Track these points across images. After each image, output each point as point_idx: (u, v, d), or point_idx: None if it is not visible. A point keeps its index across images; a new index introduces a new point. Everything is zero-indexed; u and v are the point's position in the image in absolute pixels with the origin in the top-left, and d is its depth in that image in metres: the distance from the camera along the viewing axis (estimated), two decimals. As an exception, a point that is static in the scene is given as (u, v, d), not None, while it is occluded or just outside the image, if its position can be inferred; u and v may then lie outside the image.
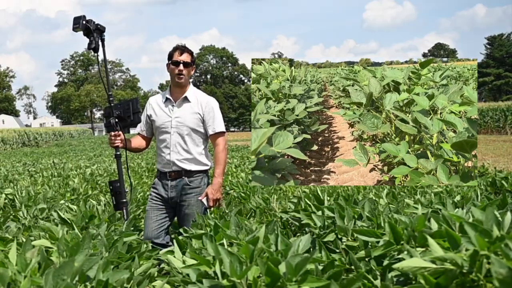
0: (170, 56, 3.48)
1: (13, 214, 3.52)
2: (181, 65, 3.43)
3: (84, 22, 3.22)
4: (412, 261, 1.45)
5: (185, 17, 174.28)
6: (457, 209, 2.16)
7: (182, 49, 3.47)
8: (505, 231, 1.51)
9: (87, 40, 3.24)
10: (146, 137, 3.66)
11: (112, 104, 3.33)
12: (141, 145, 3.65)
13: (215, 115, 3.50)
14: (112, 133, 3.33)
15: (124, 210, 3.28)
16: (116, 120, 3.32)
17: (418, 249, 1.65)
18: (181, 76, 3.44)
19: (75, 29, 3.22)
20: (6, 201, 4.64)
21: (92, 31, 3.23)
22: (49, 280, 1.47)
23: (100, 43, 3.26)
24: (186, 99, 3.50)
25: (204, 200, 3.40)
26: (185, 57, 3.45)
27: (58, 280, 1.48)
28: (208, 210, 3.43)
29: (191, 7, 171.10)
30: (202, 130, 3.51)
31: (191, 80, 3.65)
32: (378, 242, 1.83)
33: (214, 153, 3.55)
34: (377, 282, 1.64)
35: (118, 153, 3.38)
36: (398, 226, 1.81)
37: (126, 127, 3.39)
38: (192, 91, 3.53)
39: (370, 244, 1.87)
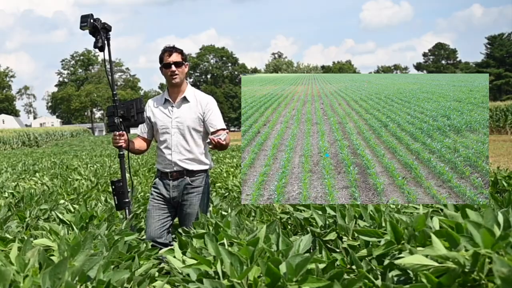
0: (161, 59, 3.48)
1: (17, 213, 3.51)
2: (173, 66, 3.43)
3: (91, 20, 3.22)
4: (414, 258, 1.45)
5: (182, 17, 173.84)
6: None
7: (170, 50, 3.46)
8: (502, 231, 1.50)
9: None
10: (146, 139, 3.65)
11: (116, 104, 3.33)
12: (142, 147, 3.64)
13: (215, 113, 3.50)
14: (117, 133, 3.33)
15: (127, 210, 3.27)
16: (120, 119, 3.32)
17: (418, 248, 1.65)
18: (175, 76, 3.44)
19: (82, 27, 3.21)
20: (9, 199, 4.64)
21: (99, 30, 3.22)
22: (46, 279, 1.47)
23: (105, 42, 3.25)
24: (185, 99, 3.50)
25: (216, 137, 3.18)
26: (175, 57, 3.44)
27: (55, 280, 1.47)
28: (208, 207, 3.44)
29: (189, 7, 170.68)
30: (202, 130, 3.50)
31: (190, 80, 3.66)
32: (379, 241, 1.83)
33: None
34: (378, 282, 1.63)
35: (121, 153, 3.38)
36: (399, 226, 1.81)
37: (130, 127, 3.39)
38: (190, 91, 3.54)
39: (371, 243, 1.86)
